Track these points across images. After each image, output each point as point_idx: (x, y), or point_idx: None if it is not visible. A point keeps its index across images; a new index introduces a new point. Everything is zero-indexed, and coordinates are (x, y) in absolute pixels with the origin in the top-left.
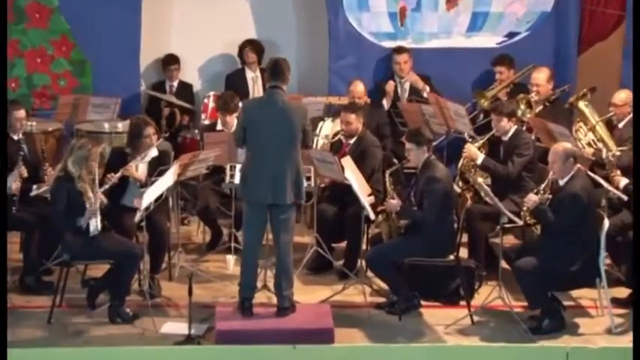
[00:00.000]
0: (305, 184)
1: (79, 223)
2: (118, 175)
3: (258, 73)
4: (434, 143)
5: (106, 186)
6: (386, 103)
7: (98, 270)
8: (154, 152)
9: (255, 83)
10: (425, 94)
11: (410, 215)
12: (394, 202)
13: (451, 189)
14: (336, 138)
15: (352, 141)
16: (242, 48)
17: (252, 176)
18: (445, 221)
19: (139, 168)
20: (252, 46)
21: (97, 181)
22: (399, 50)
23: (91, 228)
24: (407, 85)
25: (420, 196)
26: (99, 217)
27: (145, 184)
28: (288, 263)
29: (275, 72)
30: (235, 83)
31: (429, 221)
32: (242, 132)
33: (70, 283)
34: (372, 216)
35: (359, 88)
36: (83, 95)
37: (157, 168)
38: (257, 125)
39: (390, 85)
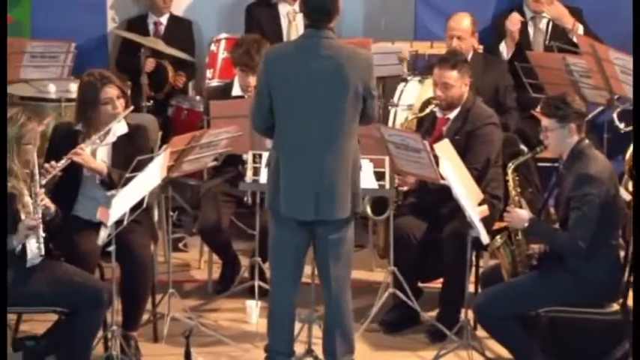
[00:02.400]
0: (373, 185)
1: (10, 244)
2: (62, 162)
3: (297, 6)
4: (588, 119)
5: (43, 182)
6: (505, 51)
7: (40, 322)
8: (120, 128)
9: (292, 22)
10: (574, 38)
11: (547, 236)
12: (522, 215)
13: (616, 194)
14: (427, 110)
15: (453, 115)
16: None
17: (282, 176)
18: (606, 247)
19: (96, 154)
20: None
21: (37, 178)
22: None
23: (29, 254)
24: (544, 23)
25: (564, 205)
26: (41, 236)
27: (111, 182)
28: (345, 315)
29: (316, 3)
30: (261, 20)
31: (579, 247)
32: (263, 104)
33: None
34: (485, 238)
35: (463, 24)
36: (16, 39)
37: (128, 155)
38: (288, 91)
39: (513, 21)
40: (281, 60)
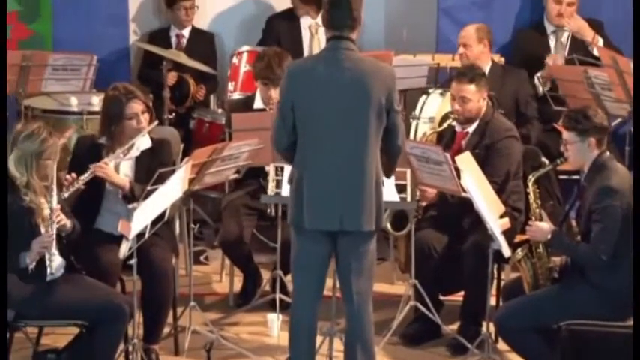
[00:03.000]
0: (395, 197)
1: (25, 261)
2: (85, 176)
3: (319, 19)
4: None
5: (65, 195)
6: (541, 88)
7: (61, 335)
8: (144, 143)
9: (314, 36)
10: (595, 51)
11: (568, 249)
12: (543, 227)
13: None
14: (445, 125)
15: (472, 129)
16: None
17: (306, 189)
18: (627, 260)
19: (119, 168)
20: None
21: (54, 193)
22: None
23: (48, 268)
24: (565, 37)
25: (586, 218)
26: (53, 254)
27: (133, 197)
28: (367, 328)
29: (338, 12)
30: (281, 33)
31: (601, 260)
32: (287, 120)
33: (16, 357)
34: (507, 251)
35: (469, 31)
36: (38, 52)
37: (151, 169)
38: (311, 105)
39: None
40: (304, 74)
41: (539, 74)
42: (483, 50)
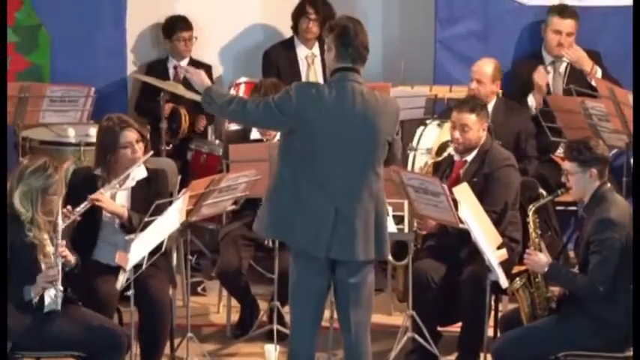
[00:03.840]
0: (393, 229)
1: (27, 295)
2: (82, 206)
3: (317, 49)
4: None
5: (63, 225)
6: (534, 105)
7: None
8: (139, 173)
9: (311, 66)
10: (593, 82)
11: (566, 280)
12: (541, 259)
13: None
14: (445, 154)
15: (470, 157)
16: (301, 11)
17: (301, 209)
18: (625, 292)
19: (115, 199)
20: (317, 9)
21: (60, 228)
22: (563, 12)
23: (47, 300)
24: (563, 67)
25: (584, 249)
26: (59, 289)
27: (131, 225)
28: (365, 359)
29: (353, 44)
30: (279, 64)
31: (599, 291)
32: (274, 120)
33: None
34: (504, 282)
35: (485, 68)
36: (35, 84)
37: (147, 199)
38: (317, 130)
39: (541, 74)
40: (314, 99)
41: (530, 97)
42: (495, 90)
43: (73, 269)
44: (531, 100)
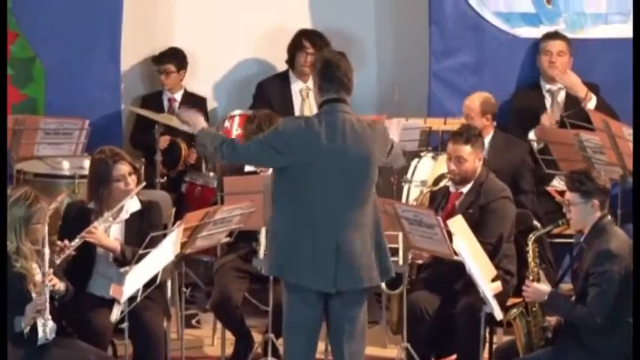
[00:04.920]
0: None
1: (18, 326)
2: (76, 242)
3: (311, 83)
4: None
5: (57, 261)
6: (536, 142)
7: None
8: (132, 205)
9: (305, 100)
10: (587, 107)
11: (565, 311)
12: (541, 288)
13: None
14: (441, 184)
15: (466, 189)
16: (297, 45)
17: (301, 246)
18: (622, 325)
19: (109, 232)
20: (314, 44)
21: (46, 257)
22: (553, 35)
23: (40, 332)
24: (561, 97)
25: (583, 280)
26: (47, 319)
27: (124, 259)
28: None
29: (335, 76)
30: (272, 97)
31: (597, 323)
32: (270, 159)
33: None
34: (499, 314)
35: (472, 103)
36: (30, 116)
37: (141, 232)
38: (310, 164)
39: (546, 118)
40: (303, 135)
41: (532, 132)
42: (486, 123)
43: (63, 296)
44: (532, 135)
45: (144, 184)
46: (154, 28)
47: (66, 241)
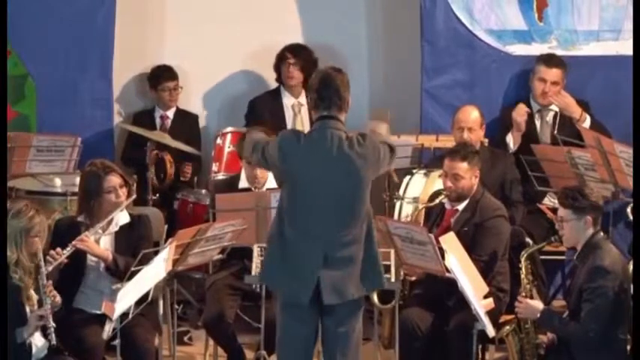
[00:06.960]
0: None
1: (20, 337)
2: (67, 250)
3: (303, 98)
4: None
5: (49, 268)
6: (512, 142)
7: None
8: (122, 218)
9: (297, 115)
10: (579, 126)
11: (558, 327)
12: (533, 305)
13: (627, 288)
14: (437, 201)
15: (461, 206)
16: (280, 58)
17: (287, 257)
18: (615, 341)
19: (99, 244)
20: (295, 54)
21: (43, 270)
22: (550, 61)
23: (34, 348)
24: (550, 116)
25: (577, 296)
26: (52, 326)
27: (116, 268)
28: None
29: (327, 93)
30: (264, 113)
31: (590, 339)
32: (269, 164)
33: None
34: (491, 331)
35: (473, 116)
36: (22, 133)
37: (131, 244)
38: (299, 177)
39: (520, 112)
40: (294, 149)
41: (509, 136)
42: (481, 135)
43: (60, 310)
44: (509, 139)
45: (134, 196)
46: (145, 46)
47: (58, 249)
